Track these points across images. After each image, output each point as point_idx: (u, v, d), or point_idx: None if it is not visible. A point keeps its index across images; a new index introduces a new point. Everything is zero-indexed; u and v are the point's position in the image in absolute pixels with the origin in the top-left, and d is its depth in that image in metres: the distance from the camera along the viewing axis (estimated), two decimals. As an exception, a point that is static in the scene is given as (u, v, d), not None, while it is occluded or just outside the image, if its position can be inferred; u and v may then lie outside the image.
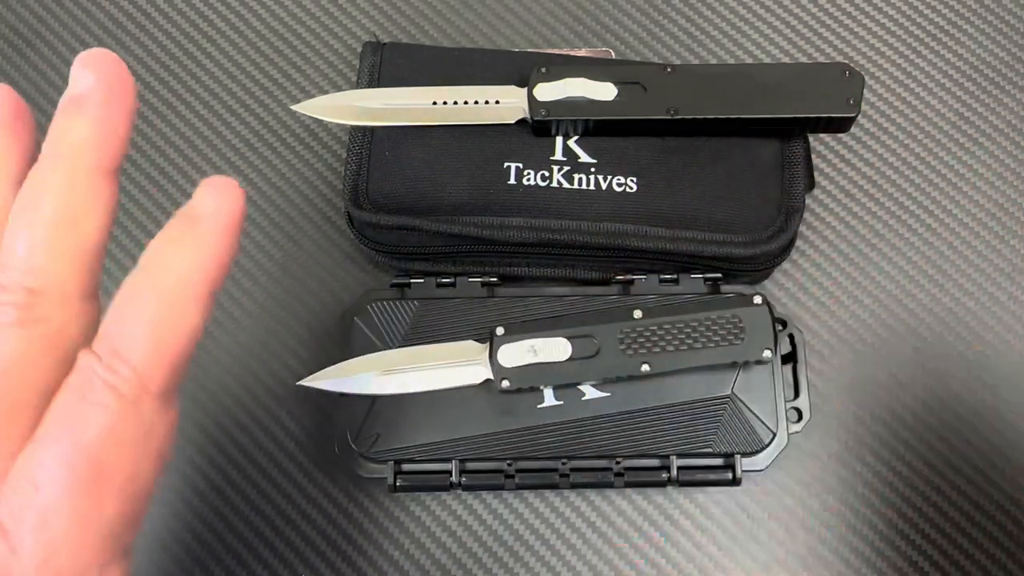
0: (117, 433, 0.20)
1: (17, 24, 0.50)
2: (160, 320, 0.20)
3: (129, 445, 0.20)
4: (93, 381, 0.19)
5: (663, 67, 0.40)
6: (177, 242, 0.20)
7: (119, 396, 0.19)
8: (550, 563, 0.41)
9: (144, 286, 0.20)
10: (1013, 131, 0.47)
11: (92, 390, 0.19)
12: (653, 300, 0.39)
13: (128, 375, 0.20)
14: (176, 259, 0.20)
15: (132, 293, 0.20)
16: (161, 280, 0.20)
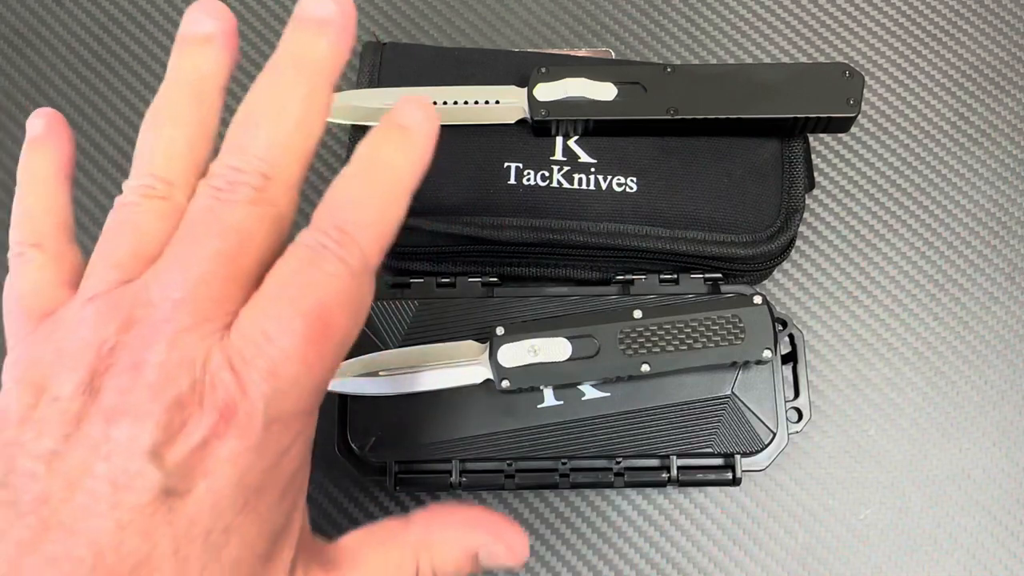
0: (344, 297, 0.23)
1: (17, 24, 0.50)
2: (384, 210, 0.23)
3: (350, 309, 0.23)
4: (327, 253, 0.22)
5: (663, 67, 0.40)
6: (395, 144, 0.24)
7: (348, 268, 0.23)
8: (550, 563, 0.41)
9: (368, 178, 0.24)
10: (1013, 131, 0.47)
11: (325, 260, 0.22)
12: (653, 300, 0.39)
13: (357, 253, 0.23)
14: (395, 158, 0.24)
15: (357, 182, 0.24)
16: (382, 175, 0.24)
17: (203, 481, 0.21)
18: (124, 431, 0.21)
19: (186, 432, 0.21)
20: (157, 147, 0.24)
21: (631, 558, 0.41)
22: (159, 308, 0.22)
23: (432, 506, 0.27)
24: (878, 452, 0.42)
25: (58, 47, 0.49)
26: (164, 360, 0.21)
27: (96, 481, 0.20)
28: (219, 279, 0.22)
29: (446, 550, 0.26)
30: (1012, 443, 0.42)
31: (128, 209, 0.24)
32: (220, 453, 0.21)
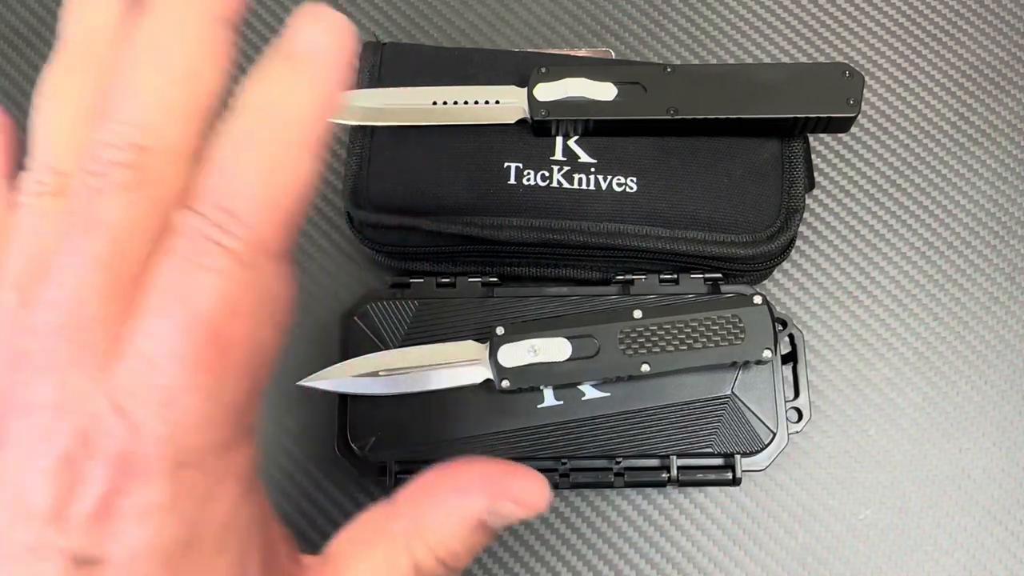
0: (236, 299, 0.18)
1: (17, 24, 0.50)
2: (273, 170, 0.18)
3: (249, 312, 0.18)
4: (204, 244, 0.18)
5: (663, 67, 0.40)
6: (282, 82, 0.18)
7: (235, 258, 0.18)
8: (549, 563, 0.41)
9: (249, 133, 0.18)
10: (1013, 131, 0.47)
11: (205, 253, 0.18)
12: (653, 300, 0.39)
13: (243, 234, 0.18)
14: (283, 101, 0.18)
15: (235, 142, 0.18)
16: (268, 125, 0.18)
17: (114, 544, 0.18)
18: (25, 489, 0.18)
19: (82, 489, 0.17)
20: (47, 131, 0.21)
21: (631, 558, 0.41)
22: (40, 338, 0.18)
23: (419, 478, 0.23)
24: (878, 452, 0.42)
25: (58, 47, 0.49)
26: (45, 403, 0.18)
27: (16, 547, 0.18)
28: (99, 295, 0.18)
29: (443, 529, 0.22)
30: (1012, 443, 0.42)
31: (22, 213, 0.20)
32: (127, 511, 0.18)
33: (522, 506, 0.22)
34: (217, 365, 0.18)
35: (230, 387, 0.18)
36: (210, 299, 0.18)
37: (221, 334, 0.18)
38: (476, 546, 0.23)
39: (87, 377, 0.18)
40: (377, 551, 0.22)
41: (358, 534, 0.23)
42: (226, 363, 0.18)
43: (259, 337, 0.19)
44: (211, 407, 0.18)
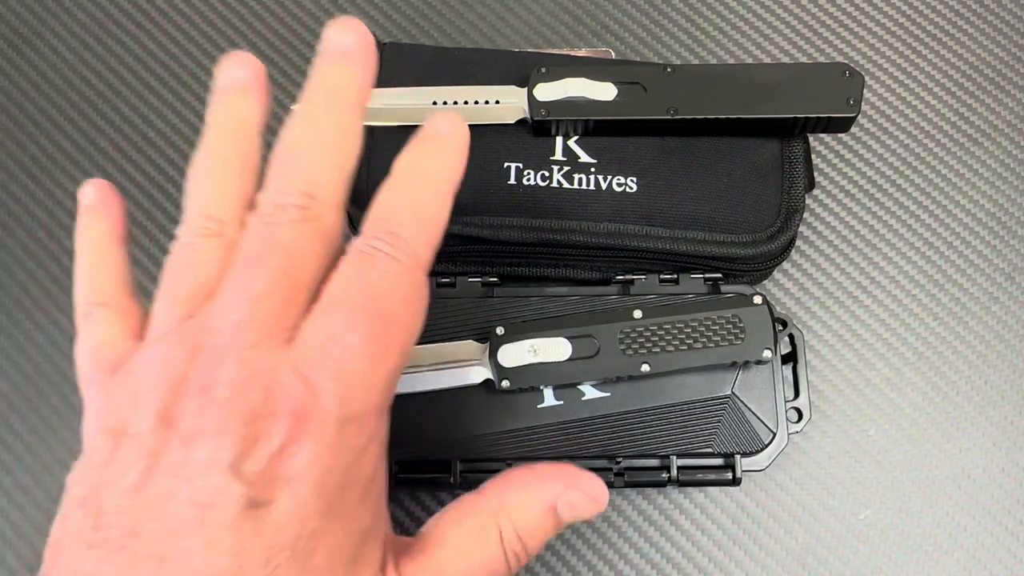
0: (400, 292, 0.24)
1: (17, 24, 0.50)
2: (427, 209, 0.25)
3: (408, 303, 0.24)
4: (377, 254, 0.24)
5: (663, 67, 0.40)
6: (428, 151, 0.26)
7: (400, 265, 0.24)
8: (549, 563, 0.41)
9: (410, 183, 0.26)
10: (1013, 131, 0.47)
11: (377, 260, 0.24)
12: (653, 300, 0.39)
13: (407, 250, 0.24)
14: (430, 163, 0.26)
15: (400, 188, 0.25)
16: (422, 179, 0.26)
17: (285, 489, 0.21)
18: (202, 451, 0.21)
19: (263, 442, 0.21)
20: (205, 188, 0.26)
21: (631, 558, 0.41)
22: (222, 332, 0.23)
23: (504, 472, 0.27)
24: (878, 452, 0.42)
25: (58, 47, 0.49)
26: (233, 378, 0.22)
27: (181, 506, 0.21)
28: (276, 295, 0.23)
29: (524, 509, 0.26)
30: (1012, 443, 0.42)
31: (183, 249, 0.25)
32: (298, 459, 0.22)
33: (588, 498, 0.27)
34: (383, 340, 0.23)
35: (390, 361, 0.23)
36: (383, 289, 0.24)
37: (388, 316, 0.23)
38: (548, 531, 0.27)
39: (269, 355, 0.22)
40: (470, 523, 0.26)
41: (450, 514, 0.26)
42: (389, 340, 0.23)
43: (412, 324, 0.24)
44: (375, 375, 0.23)
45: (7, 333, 0.45)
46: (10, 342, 0.45)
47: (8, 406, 0.44)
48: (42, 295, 0.45)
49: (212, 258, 0.25)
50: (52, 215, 0.47)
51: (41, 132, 0.48)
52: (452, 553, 0.26)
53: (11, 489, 0.42)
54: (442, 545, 0.26)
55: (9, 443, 0.43)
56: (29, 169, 0.47)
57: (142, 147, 0.48)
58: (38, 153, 0.48)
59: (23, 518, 0.42)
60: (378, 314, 0.23)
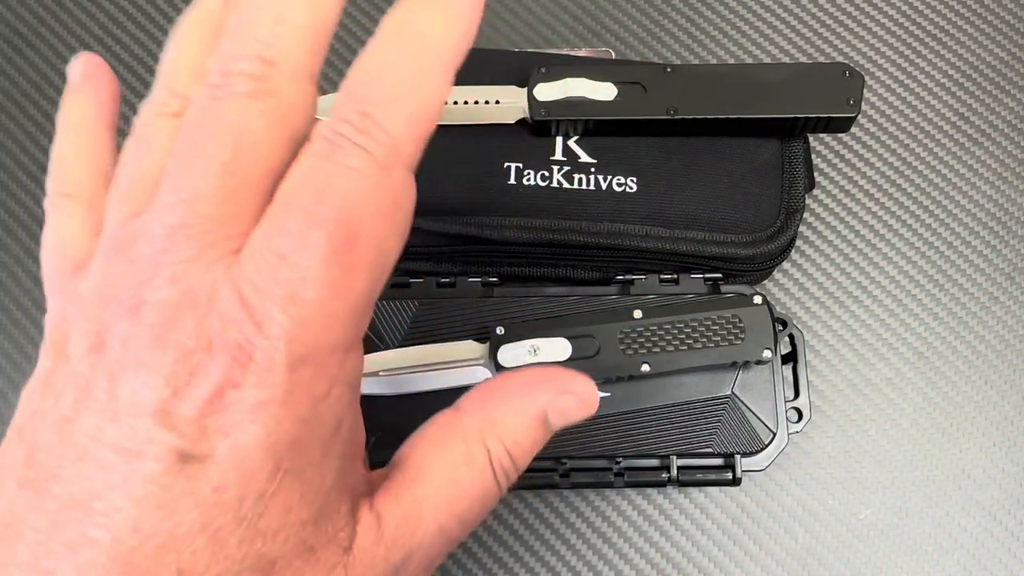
0: (370, 198, 0.19)
1: (17, 24, 0.50)
2: (413, 85, 0.19)
3: (380, 214, 0.19)
4: (343, 144, 0.18)
5: (663, 67, 0.40)
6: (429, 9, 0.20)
7: (373, 160, 0.19)
8: (549, 563, 0.41)
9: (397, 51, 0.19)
10: (1013, 131, 0.47)
11: (343, 153, 0.18)
12: (653, 300, 0.39)
13: (383, 139, 0.19)
14: (429, 26, 0.19)
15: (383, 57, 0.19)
16: (414, 46, 0.19)
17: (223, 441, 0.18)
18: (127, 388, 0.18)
19: (195, 383, 0.18)
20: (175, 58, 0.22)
21: (631, 558, 0.41)
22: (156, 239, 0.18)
23: (483, 383, 0.24)
24: (878, 452, 0.42)
25: (58, 47, 0.49)
26: (163, 298, 0.18)
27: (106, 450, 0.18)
28: (219, 194, 0.18)
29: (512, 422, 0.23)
30: (1012, 443, 0.42)
31: (139, 132, 0.21)
32: (239, 406, 0.18)
33: (580, 401, 0.23)
34: (347, 261, 0.18)
35: (356, 287, 0.19)
36: (348, 194, 0.18)
37: (354, 230, 0.18)
38: (538, 442, 0.24)
39: (208, 271, 0.18)
40: (452, 445, 0.23)
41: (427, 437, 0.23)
42: (356, 261, 0.18)
43: (386, 241, 0.19)
44: (336, 305, 0.18)
45: (7, 333, 0.45)
46: (10, 342, 0.45)
47: (8, 406, 0.44)
48: (42, 295, 0.45)
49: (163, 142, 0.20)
50: (52, 215, 0.47)
51: (41, 132, 0.48)
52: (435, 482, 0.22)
53: (11, 489, 0.42)
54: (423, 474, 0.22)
55: (9, 443, 0.43)
56: (29, 169, 0.47)
57: (142, 147, 0.48)
58: (38, 153, 0.48)
59: (23, 518, 0.42)
60: (341, 225, 0.18)
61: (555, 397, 0.23)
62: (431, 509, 0.22)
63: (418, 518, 0.22)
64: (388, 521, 0.21)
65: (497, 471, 0.23)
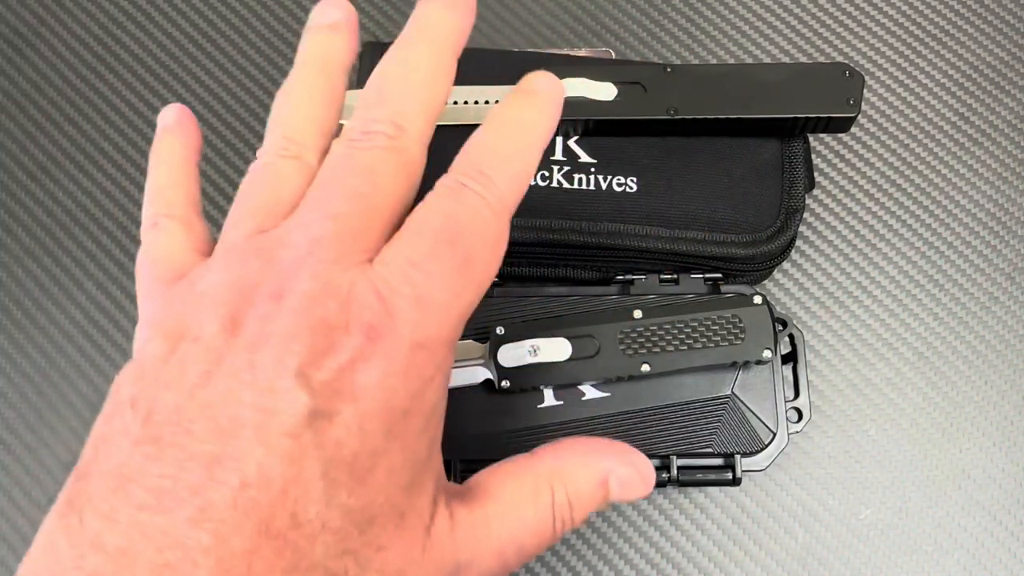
0: (483, 232, 0.24)
1: (17, 24, 0.50)
2: (518, 157, 0.25)
3: (489, 245, 0.24)
4: (468, 191, 0.24)
5: (663, 67, 0.40)
6: (524, 103, 0.26)
7: (487, 204, 0.24)
8: (549, 563, 0.41)
9: (505, 130, 0.25)
10: (1013, 131, 0.47)
11: (466, 195, 0.24)
12: (653, 300, 0.39)
13: (495, 190, 0.24)
14: (525, 114, 0.26)
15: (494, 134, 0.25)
16: (516, 128, 0.26)
17: (350, 404, 0.21)
18: (269, 355, 0.21)
19: (333, 353, 0.21)
20: (289, 114, 0.26)
21: (631, 558, 0.41)
22: (299, 246, 0.22)
23: (558, 440, 0.27)
24: (878, 452, 0.42)
25: (58, 47, 0.49)
26: (307, 288, 0.21)
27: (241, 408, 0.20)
28: (356, 215, 0.23)
29: (579, 477, 0.26)
30: (1012, 443, 0.42)
31: (261, 168, 0.25)
32: (367, 376, 0.21)
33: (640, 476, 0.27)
34: (465, 274, 0.23)
35: (466, 297, 0.23)
36: (469, 225, 0.23)
37: (471, 252, 0.23)
38: (596, 503, 0.27)
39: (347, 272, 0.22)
40: (524, 480, 0.26)
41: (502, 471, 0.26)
42: (470, 276, 0.23)
43: (489, 266, 0.24)
44: (453, 307, 0.23)
45: (7, 333, 0.45)
46: (10, 342, 0.45)
47: (8, 406, 0.44)
48: (42, 295, 0.45)
49: (289, 178, 0.25)
50: (52, 215, 0.47)
51: (41, 132, 0.48)
52: (503, 507, 0.25)
53: (11, 489, 0.42)
54: (494, 497, 0.25)
55: (9, 443, 0.43)
56: (29, 169, 0.47)
57: (142, 147, 0.48)
58: (38, 153, 0.48)
59: (23, 518, 0.42)
60: (463, 247, 0.23)
61: (619, 465, 0.27)
62: (496, 529, 0.25)
63: (484, 533, 0.24)
64: (459, 522, 0.24)
65: (557, 515, 0.26)
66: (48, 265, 0.46)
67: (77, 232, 0.46)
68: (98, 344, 0.45)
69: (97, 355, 0.45)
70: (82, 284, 0.46)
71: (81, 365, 0.44)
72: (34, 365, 0.44)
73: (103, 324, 0.45)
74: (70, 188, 0.47)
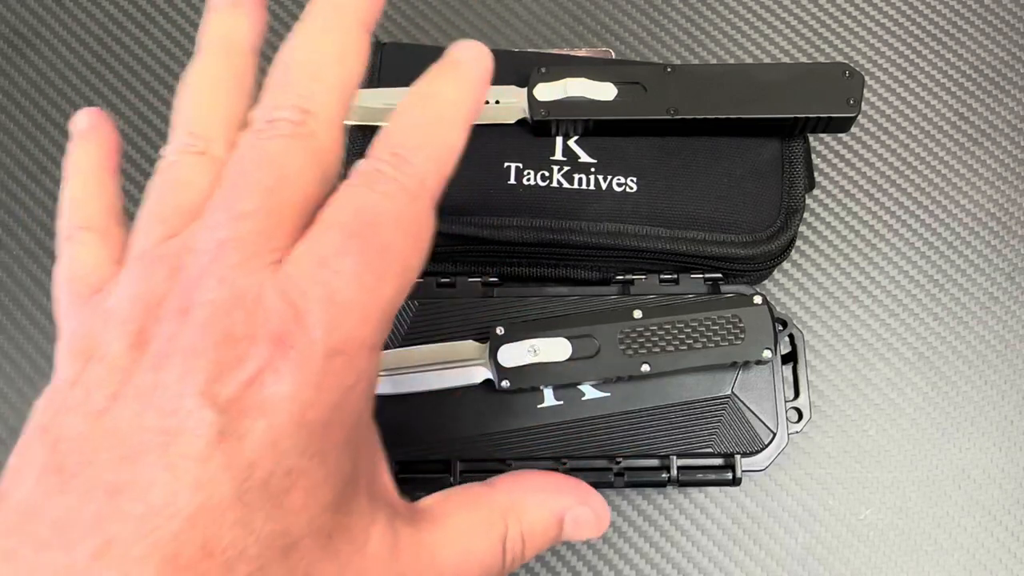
0: (400, 219, 0.22)
1: (17, 24, 0.50)
2: (437, 134, 0.24)
3: (408, 233, 0.22)
4: (381, 175, 0.22)
5: (663, 67, 0.40)
6: (445, 76, 0.24)
7: (403, 188, 0.22)
8: (549, 563, 0.41)
9: (422, 106, 0.24)
10: (1013, 131, 0.47)
11: (379, 182, 0.22)
12: (653, 300, 0.39)
13: (412, 173, 0.22)
14: (445, 88, 0.24)
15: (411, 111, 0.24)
16: (435, 103, 0.24)
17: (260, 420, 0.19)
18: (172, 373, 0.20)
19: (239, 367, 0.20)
20: (192, 106, 0.25)
21: (631, 558, 0.41)
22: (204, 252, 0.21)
23: (517, 471, 0.27)
24: (878, 452, 0.42)
25: (58, 47, 0.49)
26: (213, 299, 0.20)
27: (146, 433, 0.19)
28: (262, 213, 0.21)
29: (534, 513, 0.25)
30: (1012, 443, 0.42)
31: (167, 168, 0.24)
32: (277, 387, 0.20)
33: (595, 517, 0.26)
34: (380, 269, 0.21)
35: (385, 292, 0.22)
36: (382, 213, 0.22)
37: (386, 243, 0.22)
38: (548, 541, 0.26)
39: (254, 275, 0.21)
40: (478, 512, 0.25)
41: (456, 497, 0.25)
42: (386, 270, 0.22)
43: (411, 257, 0.23)
44: (369, 306, 0.21)
45: (7, 333, 0.45)
46: (10, 342, 0.45)
47: (8, 406, 0.44)
48: (42, 295, 0.45)
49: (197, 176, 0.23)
50: (52, 215, 0.47)
51: (41, 132, 0.48)
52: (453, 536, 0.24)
53: (11, 489, 0.42)
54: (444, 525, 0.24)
55: (9, 443, 0.43)
56: (29, 169, 0.47)
57: (142, 147, 0.48)
58: (38, 153, 0.48)
59: (23, 518, 0.42)
60: (375, 239, 0.21)
61: (576, 505, 0.26)
62: (442, 556, 0.24)
63: (429, 559, 0.23)
64: (404, 544, 0.23)
65: (508, 550, 0.25)
66: (48, 265, 0.46)
67: (77, 232, 0.46)
68: (98, 344, 0.45)
69: (97, 355, 0.45)
70: (82, 284, 0.46)
71: (81, 365, 0.44)
72: (34, 365, 0.44)
73: (103, 324, 0.45)
74: (70, 188, 0.47)
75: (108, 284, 0.22)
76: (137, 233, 0.23)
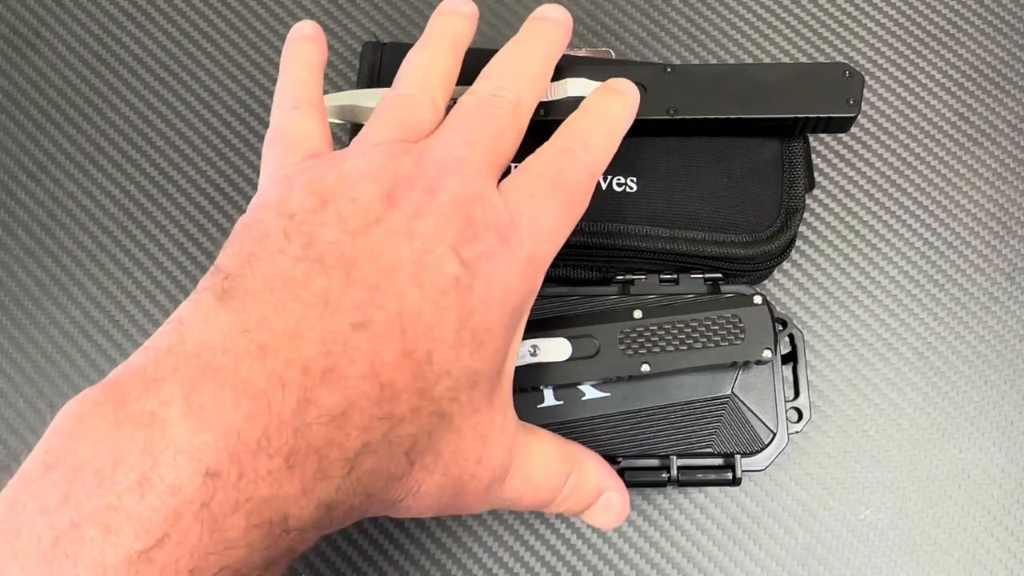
0: (581, 187, 0.29)
1: (17, 24, 0.50)
2: (608, 139, 0.31)
3: (584, 200, 0.30)
4: (575, 154, 0.30)
5: (663, 67, 0.40)
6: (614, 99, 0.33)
7: (587, 167, 0.30)
8: (550, 563, 0.41)
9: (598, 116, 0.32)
10: (1013, 131, 0.47)
11: (575, 158, 0.30)
12: (653, 300, 0.39)
13: (593, 159, 0.30)
14: (614, 107, 0.32)
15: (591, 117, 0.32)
16: (607, 115, 0.32)
17: (483, 285, 0.25)
18: (429, 227, 0.25)
19: (476, 242, 0.25)
20: (425, 64, 0.31)
21: (631, 558, 0.41)
22: (447, 159, 0.27)
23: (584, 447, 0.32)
24: (878, 452, 0.42)
25: (58, 47, 0.49)
26: (456, 190, 0.26)
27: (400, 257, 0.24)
28: (489, 149, 0.28)
29: (590, 475, 0.31)
30: (1012, 443, 0.42)
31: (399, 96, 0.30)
32: (497, 268, 0.26)
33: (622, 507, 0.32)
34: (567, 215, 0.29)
35: (564, 233, 0.29)
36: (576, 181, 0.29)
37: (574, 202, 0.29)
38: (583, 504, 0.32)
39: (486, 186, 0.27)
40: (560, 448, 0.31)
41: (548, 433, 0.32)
42: (570, 218, 0.29)
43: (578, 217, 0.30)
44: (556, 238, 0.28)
45: (7, 333, 0.45)
46: (10, 342, 0.45)
47: (8, 406, 0.44)
48: (42, 295, 0.45)
49: (425, 111, 0.29)
50: (52, 215, 0.47)
51: (41, 132, 0.48)
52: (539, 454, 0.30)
53: (11, 489, 0.42)
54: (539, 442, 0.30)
55: (9, 443, 0.43)
56: (29, 169, 0.47)
57: (142, 147, 0.48)
58: (38, 153, 0.48)
59: (23, 518, 0.42)
60: (568, 194, 0.29)
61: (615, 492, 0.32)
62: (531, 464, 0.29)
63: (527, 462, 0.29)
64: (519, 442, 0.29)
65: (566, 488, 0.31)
66: (48, 265, 0.46)
67: (77, 232, 0.46)
68: (98, 344, 0.45)
69: (97, 355, 0.45)
70: (82, 284, 0.46)
71: (81, 365, 0.44)
72: (34, 365, 0.44)
73: (103, 324, 0.45)
74: (70, 188, 0.47)
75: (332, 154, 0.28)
76: (371, 130, 0.29)
